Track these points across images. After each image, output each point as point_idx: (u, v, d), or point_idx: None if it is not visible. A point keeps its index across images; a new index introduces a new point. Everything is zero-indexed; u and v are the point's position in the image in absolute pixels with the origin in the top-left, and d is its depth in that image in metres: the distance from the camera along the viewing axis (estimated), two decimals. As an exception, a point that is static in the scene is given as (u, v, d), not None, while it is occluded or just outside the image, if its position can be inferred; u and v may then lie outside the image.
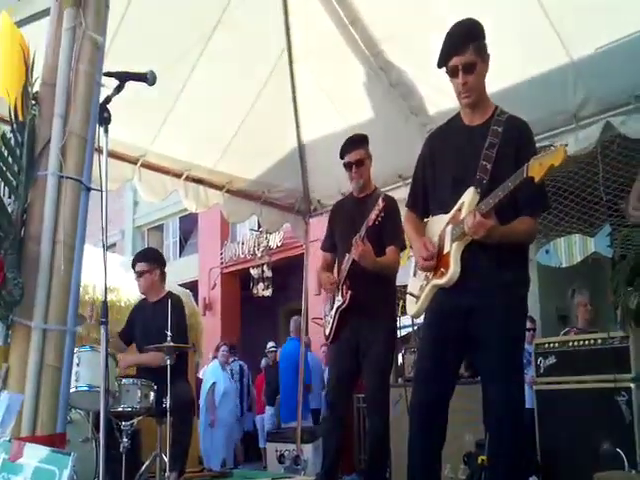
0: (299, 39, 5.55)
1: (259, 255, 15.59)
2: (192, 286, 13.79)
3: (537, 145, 3.28)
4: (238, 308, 17.16)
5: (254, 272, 15.55)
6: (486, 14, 3.29)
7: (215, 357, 10.66)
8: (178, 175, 5.95)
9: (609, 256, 7.13)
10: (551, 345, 4.91)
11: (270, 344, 12.39)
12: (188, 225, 19.45)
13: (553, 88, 4.73)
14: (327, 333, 4.58)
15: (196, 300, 11.80)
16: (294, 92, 5.96)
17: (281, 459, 7.85)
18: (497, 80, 3.52)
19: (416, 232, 3.44)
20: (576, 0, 4.24)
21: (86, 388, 4.34)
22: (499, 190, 2.94)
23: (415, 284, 3.40)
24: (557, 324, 8.94)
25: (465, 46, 3.13)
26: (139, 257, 5.67)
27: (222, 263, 17.13)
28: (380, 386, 4.41)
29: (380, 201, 4.07)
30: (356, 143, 4.59)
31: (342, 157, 4.61)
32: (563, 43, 4.45)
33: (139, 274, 5.44)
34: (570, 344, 4.82)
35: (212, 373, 10.36)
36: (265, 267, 15.29)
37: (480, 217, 2.95)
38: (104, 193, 2.87)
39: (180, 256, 19.95)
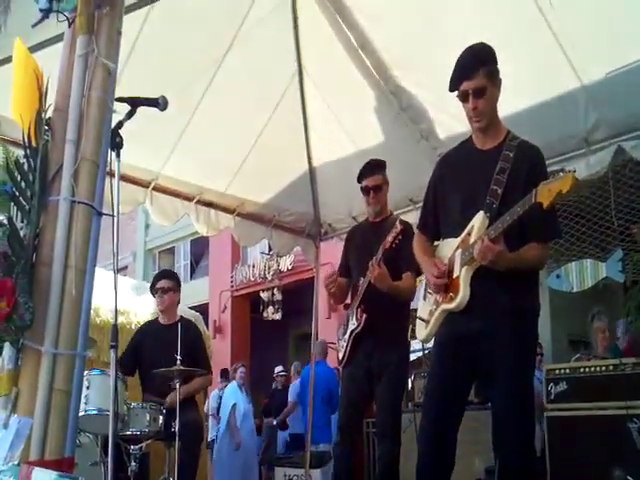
0: (310, 63, 5.58)
1: (269, 278, 15.59)
2: (202, 309, 13.81)
3: (548, 170, 3.27)
4: (248, 331, 17.14)
5: (264, 295, 15.56)
6: (497, 39, 3.30)
7: (233, 378, 10.59)
8: (189, 199, 5.97)
9: (621, 281, 7.11)
10: (562, 371, 4.88)
11: (278, 368, 12.35)
12: (199, 248, 19.51)
13: (564, 112, 4.73)
14: (340, 357, 4.58)
15: (206, 323, 11.82)
16: (305, 116, 5.98)
17: (289, 484, 7.81)
18: (507, 104, 3.52)
19: (424, 253, 3.44)
20: (586, 25, 4.25)
21: (95, 412, 4.33)
22: (507, 215, 2.94)
23: (425, 308, 3.40)
24: (568, 349, 8.91)
25: (475, 71, 3.13)
26: (164, 275, 5.70)
27: (232, 286, 17.14)
28: (392, 411, 4.39)
29: (397, 224, 4.10)
30: (374, 169, 4.61)
31: (360, 181, 4.63)
32: (574, 68, 4.44)
33: (164, 290, 5.41)
34: (581, 370, 4.78)
35: (232, 394, 10.26)
36: (275, 290, 15.30)
37: (488, 242, 2.95)
38: (116, 217, 2.89)
39: (191, 279, 19.99)
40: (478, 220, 3.12)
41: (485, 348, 3.10)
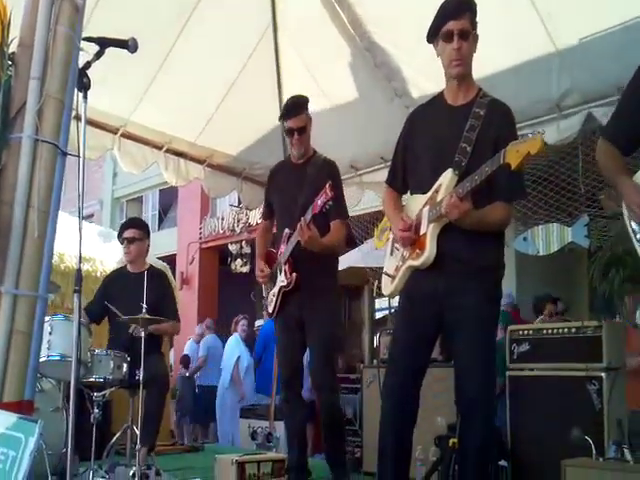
0: (285, 15, 5.51)
1: (238, 231, 15.55)
2: (170, 260, 13.75)
3: (518, 133, 3.27)
4: (216, 283, 17.14)
5: (232, 248, 15.54)
6: None
7: (235, 331, 10.59)
8: (158, 147, 5.91)
9: (585, 246, 7.19)
10: (525, 332, 4.93)
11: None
12: (168, 198, 19.37)
13: (537, 77, 4.72)
14: (270, 310, 4.51)
15: (173, 274, 11.78)
16: (278, 68, 5.91)
17: (253, 435, 7.86)
18: (481, 66, 3.48)
19: (394, 207, 3.45)
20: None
21: (58, 357, 4.29)
22: (476, 174, 2.93)
23: (391, 263, 3.41)
24: (532, 311, 9.04)
25: (462, 12, 3.13)
26: (131, 224, 5.57)
27: (201, 238, 17.10)
28: (328, 360, 4.33)
29: (328, 190, 3.87)
30: (298, 108, 4.41)
31: (282, 120, 4.45)
32: (548, 32, 4.43)
33: (130, 240, 5.32)
34: (544, 332, 4.83)
35: (236, 347, 10.23)
36: (244, 243, 15.27)
37: (456, 199, 2.95)
38: (81, 159, 2.83)
39: (159, 229, 19.87)
40: (446, 178, 3.12)
41: (450, 304, 3.13)
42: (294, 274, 4.27)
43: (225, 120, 5.90)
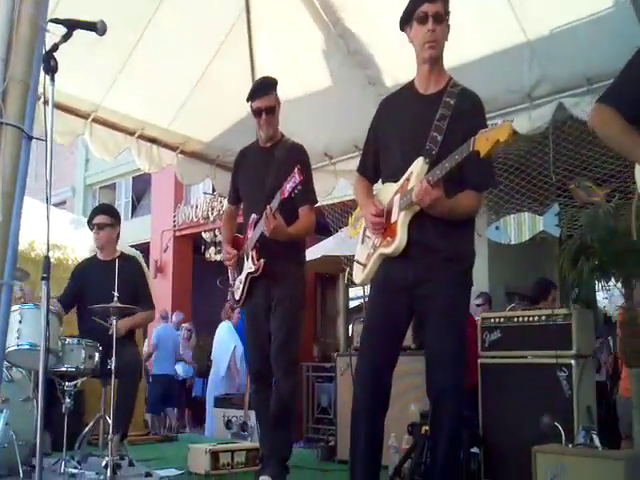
0: (258, 1, 5.46)
1: (212, 219, 15.47)
2: (144, 248, 13.65)
3: (490, 123, 3.28)
4: (190, 272, 17.06)
5: (206, 236, 15.47)
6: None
7: (229, 318, 10.35)
8: (131, 133, 5.86)
9: (557, 235, 7.24)
10: (497, 320, 4.96)
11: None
12: (141, 186, 19.22)
13: (508, 67, 4.76)
14: (238, 297, 4.42)
15: (147, 262, 11.72)
16: (251, 54, 5.88)
17: (228, 425, 7.86)
18: (453, 56, 3.48)
19: (366, 195, 3.44)
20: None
21: (28, 346, 4.24)
22: (446, 162, 2.94)
23: (362, 252, 3.41)
24: (504, 300, 9.11)
25: None
26: (101, 210, 5.55)
27: (175, 226, 16.99)
28: (286, 343, 4.21)
29: (297, 174, 3.78)
30: (268, 88, 4.34)
31: (251, 100, 4.36)
32: (520, 22, 4.46)
33: (100, 227, 5.28)
34: (515, 319, 4.87)
35: (231, 335, 9.95)
36: (218, 231, 15.20)
37: (427, 185, 2.96)
38: (49, 144, 2.78)
39: (132, 217, 19.72)
40: (417, 166, 3.13)
41: (421, 293, 3.14)
42: (261, 260, 4.19)
43: (198, 107, 5.87)
